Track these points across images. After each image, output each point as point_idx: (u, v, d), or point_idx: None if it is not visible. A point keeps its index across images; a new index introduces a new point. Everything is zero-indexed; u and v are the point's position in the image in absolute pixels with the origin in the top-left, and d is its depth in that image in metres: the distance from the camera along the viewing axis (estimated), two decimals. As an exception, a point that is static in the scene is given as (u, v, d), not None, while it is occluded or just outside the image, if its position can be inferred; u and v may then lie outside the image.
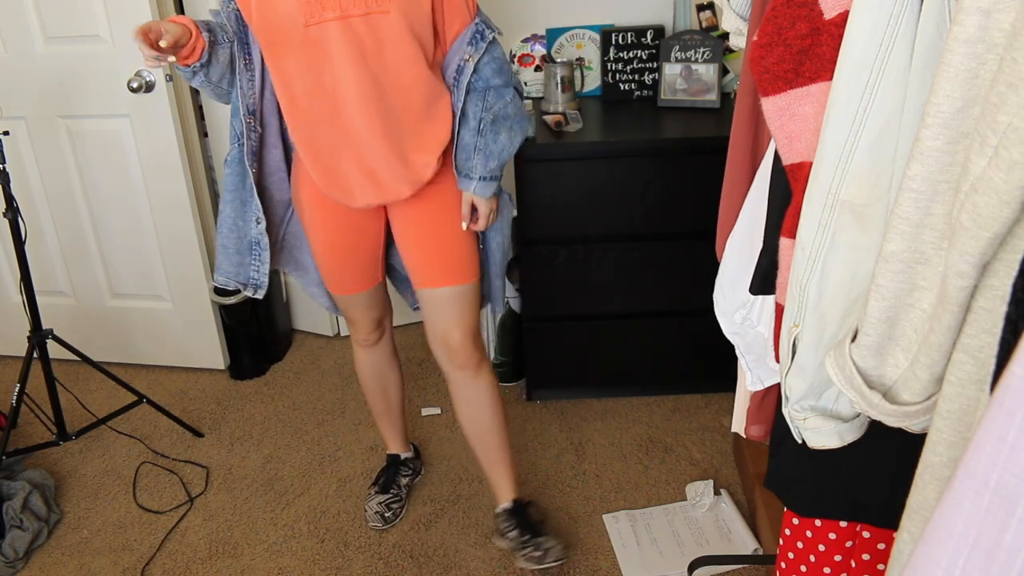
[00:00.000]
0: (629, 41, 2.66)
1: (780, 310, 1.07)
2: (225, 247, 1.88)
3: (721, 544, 2.08)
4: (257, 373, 2.91)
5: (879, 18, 0.81)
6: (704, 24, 2.69)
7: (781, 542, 1.37)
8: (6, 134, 2.23)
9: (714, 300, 1.40)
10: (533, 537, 1.98)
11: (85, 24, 2.51)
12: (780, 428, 1.26)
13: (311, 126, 1.71)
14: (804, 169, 0.96)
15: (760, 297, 1.31)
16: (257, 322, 2.88)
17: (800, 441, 1.04)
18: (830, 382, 0.97)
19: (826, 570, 1.32)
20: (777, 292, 1.08)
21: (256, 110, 1.74)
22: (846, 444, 1.02)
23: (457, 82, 1.73)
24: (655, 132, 2.43)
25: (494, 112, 1.76)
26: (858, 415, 1.01)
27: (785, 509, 1.34)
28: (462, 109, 1.75)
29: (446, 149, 1.76)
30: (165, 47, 1.51)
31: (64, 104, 2.63)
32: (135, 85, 2.50)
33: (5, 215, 2.21)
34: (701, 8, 2.68)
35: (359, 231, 1.89)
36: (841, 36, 0.86)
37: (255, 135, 1.75)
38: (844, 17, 0.86)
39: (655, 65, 2.67)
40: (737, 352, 1.40)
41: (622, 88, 2.72)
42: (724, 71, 2.60)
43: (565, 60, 2.64)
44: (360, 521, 2.22)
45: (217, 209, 3.14)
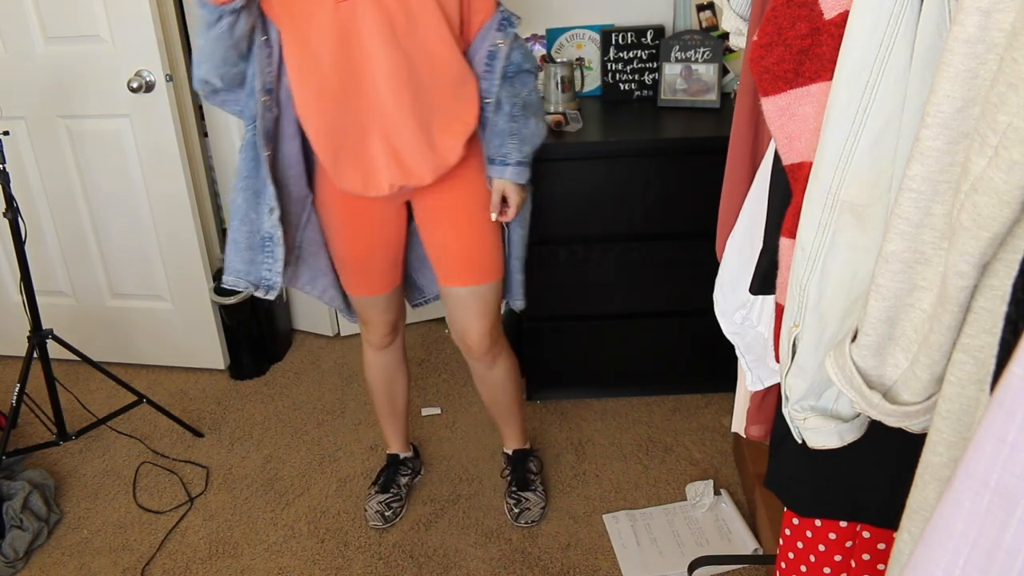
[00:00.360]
0: (629, 41, 2.66)
1: (780, 310, 1.07)
2: (236, 242, 1.79)
3: (721, 544, 2.08)
4: (257, 373, 2.91)
5: (879, 18, 0.81)
6: (704, 24, 2.69)
7: (781, 542, 1.37)
8: (6, 134, 2.23)
9: (714, 300, 1.40)
10: (518, 491, 2.20)
11: (85, 24, 2.51)
12: (780, 428, 1.26)
13: (336, 106, 1.67)
14: (804, 169, 0.96)
15: (760, 297, 1.31)
16: (257, 322, 2.88)
17: (800, 441, 1.04)
18: (830, 382, 0.97)
19: (826, 570, 1.32)
20: (777, 292, 1.08)
21: (273, 89, 1.71)
22: (846, 444, 1.02)
23: (491, 67, 1.73)
24: (655, 132, 2.43)
25: (522, 98, 1.77)
26: (858, 415, 1.01)
27: (785, 509, 1.34)
28: (496, 96, 1.74)
29: (471, 139, 1.76)
30: None
31: (64, 104, 2.63)
32: (135, 85, 2.50)
33: (5, 215, 2.21)
34: (701, 8, 2.68)
35: (382, 230, 1.89)
36: (841, 36, 0.86)
37: (270, 115, 1.72)
38: (844, 17, 0.86)
39: (655, 65, 2.67)
40: (737, 352, 1.40)
41: (622, 88, 2.72)
42: (724, 71, 2.60)
43: (565, 60, 2.64)
44: (360, 521, 2.22)
45: (217, 209, 3.15)
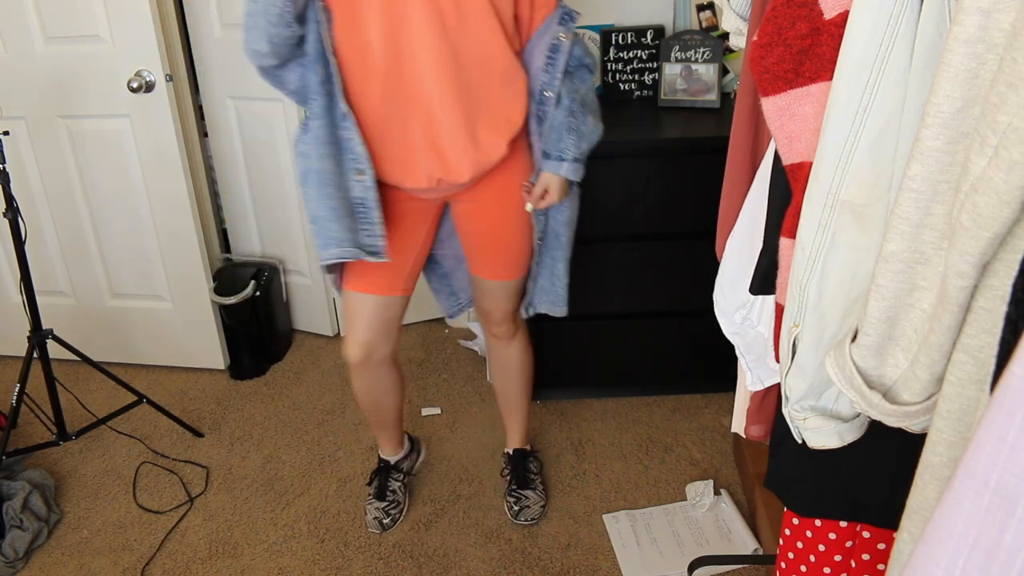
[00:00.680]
0: (629, 41, 2.66)
1: (780, 310, 1.07)
2: (320, 219, 1.68)
3: (721, 544, 2.08)
4: (257, 373, 2.91)
5: (879, 18, 0.81)
6: (704, 24, 2.69)
7: (781, 542, 1.37)
8: (6, 134, 2.23)
9: (714, 300, 1.40)
10: (518, 489, 2.21)
11: (85, 24, 2.51)
12: (780, 428, 1.26)
13: (383, 91, 1.67)
14: (804, 169, 0.96)
15: (760, 297, 1.31)
16: (257, 322, 2.88)
17: (800, 441, 1.04)
18: (830, 382, 0.97)
19: (826, 570, 1.32)
20: (777, 292, 1.08)
21: (336, 51, 1.66)
22: (846, 444, 1.02)
23: (553, 61, 1.72)
24: (655, 132, 2.43)
25: (581, 94, 1.78)
26: (858, 415, 1.01)
27: (785, 509, 1.34)
28: (557, 90, 1.74)
29: (514, 139, 1.75)
30: None
31: (64, 104, 2.63)
32: (135, 85, 2.49)
33: (5, 215, 2.21)
34: (701, 8, 2.68)
35: (410, 229, 1.87)
36: (841, 36, 0.86)
37: (340, 79, 1.67)
38: (844, 17, 0.86)
39: (655, 65, 2.67)
40: (737, 352, 1.40)
41: (622, 88, 2.72)
42: (724, 71, 2.60)
43: (565, 60, 2.64)
44: (360, 521, 2.22)
45: (217, 209, 3.15)
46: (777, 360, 1.08)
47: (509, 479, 2.25)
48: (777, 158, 1.09)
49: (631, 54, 2.68)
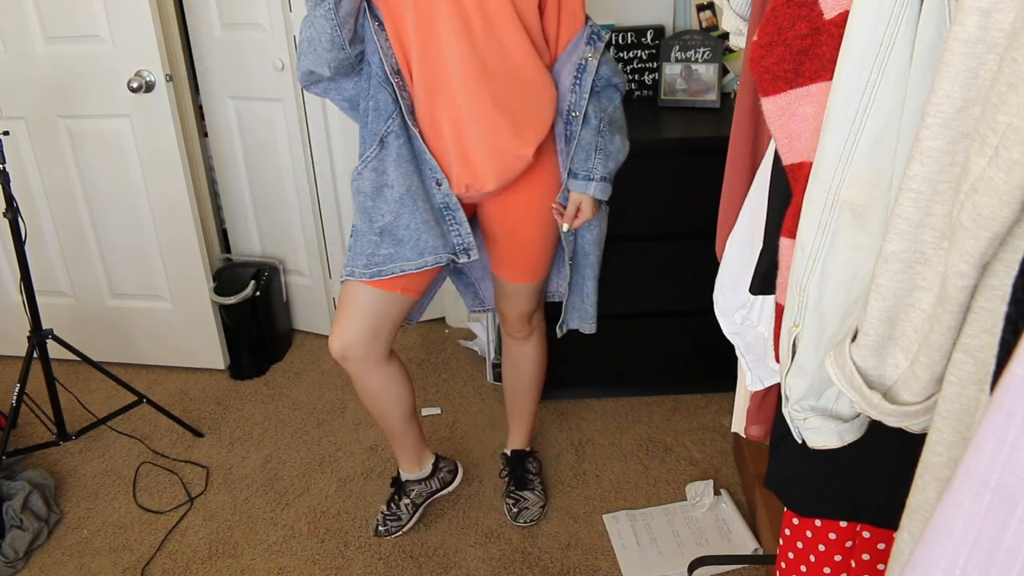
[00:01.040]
0: (629, 41, 2.66)
1: (780, 310, 1.07)
2: (410, 231, 1.73)
3: (721, 544, 2.07)
4: (257, 373, 2.91)
5: (879, 18, 0.81)
6: (704, 24, 2.69)
7: (781, 542, 1.37)
8: (6, 134, 2.23)
9: (714, 300, 1.40)
10: (516, 490, 2.21)
11: (85, 24, 2.51)
12: (780, 428, 1.26)
13: (423, 98, 1.70)
14: (804, 169, 0.96)
15: (760, 297, 1.31)
16: (257, 322, 2.88)
17: (800, 441, 1.04)
18: (830, 382, 0.97)
19: (826, 570, 1.32)
20: (777, 292, 1.08)
21: (399, 70, 1.70)
22: (846, 444, 1.01)
23: (580, 81, 1.74)
24: (655, 132, 2.43)
25: (609, 113, 1.79)
26: (858, 415, 1.01)
27: (785, 509, 1.34)
28: (584, 110, 1.75)
29: (540, 150, 1.77)
30: None
31: (64, 104, 2.63)
32: (135, 85, 2.50)
33: (5, 215, 2.21)
34: (701, 8, 2.68)
35: None
36: (841, 36, 0.86)
37: (407, 95, 1.71)
38: (844, 17, 0.86)
39: (655, 65, 2.67)
40: (737, 352, 1.40)
41: (622, 88, 2.72)
42: (724, 71, 2.60)
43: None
44: (360, 521, 2.22)
45: (217, 209, 3.15)
46: (777, 360, 1.08)
47: (508, 480, 2.25)
48: (777, 158, 1.09)
49: (631, 54, 2.68)
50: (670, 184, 2.34)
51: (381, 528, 2.14)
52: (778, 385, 1.36)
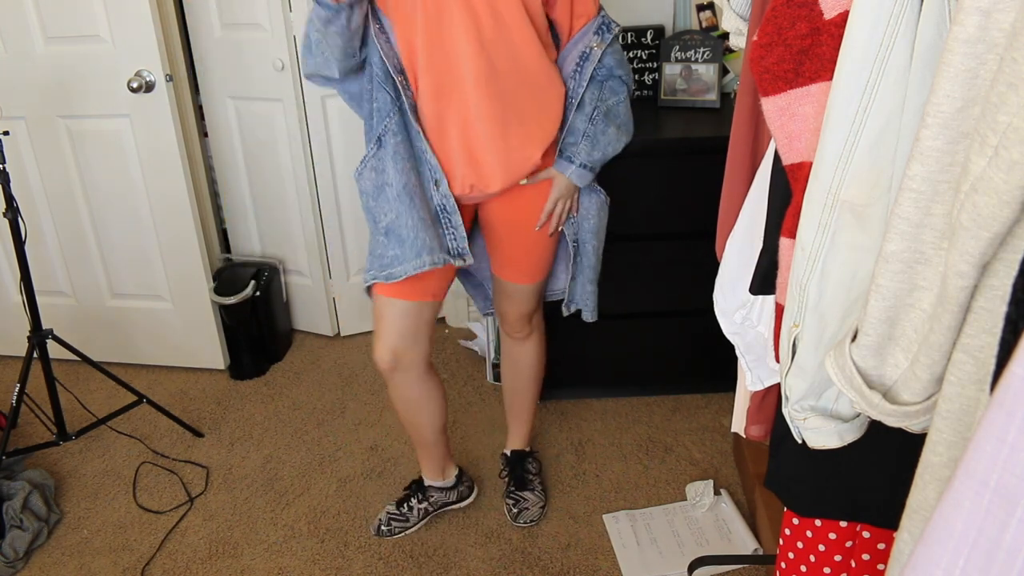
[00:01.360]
0: (629, 41, 2.66)
1: (780, 310, 1.07)
2: (408, 230, 1.73)
3: (721, 544, 2.07)
4: (257, 373, 2.91)
5: (879, 18, 0.81)
6: (704, 24, 2.69)
7: (781, 542, 1.37)
8: (6, 134, 2.23)
9: (714, 300, 1.40)
10: (516, 490, 2.21)
11: (85, 24, 2.51)
12: (780, 428, 1.26)
13: (431, 98, 1.70)
14: (804, 169, 0.96)
15: (760, 297, 1.31)
16: (257, 322, 2.88)
17: (800, 441, 1.04)
18: (830, 382, 0.97)
19: (826, 570, 1.31)
20: (777, 292, 1.08)
21: (403, 69, 1.70)
22: (846, 444, 1.01)
23: (580, 68, 1.75)
24: (655, 132, 2.43)
25: (608, 104, 1.79)
26: (858, 415, 1.01)
27: (785, 509, 1.34)
28: (580, 96, 1.76)
29: (547, 150, 1.77)
30: None
31: (64, 104, 2.63)
32: (135, 85, 2.50)
33: (5, 215, 2.21)
34: (701, 8, 2.68)
35: None
36: (841, 36, 0.86)
37: (410, 93, 1.71)
38: (844, 17, 0.86)
39: (655, 65, 2.67)
40: (737, 352, 1.40)
41: (622, 88, 2.72)
42: (724, 71, 2.60)
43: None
44: (360, 521, 2.22)
45: (217, 209, 3.15)
46: (777, 360, 1.08)
47: (508, 481, 2.25)
48: (777, 158, 1.09)
49: (631, 54, 2.67)
50: (670, 184, 2.34)
51: (384, 528, 2.14)
52: (778, 385, 1.36)
